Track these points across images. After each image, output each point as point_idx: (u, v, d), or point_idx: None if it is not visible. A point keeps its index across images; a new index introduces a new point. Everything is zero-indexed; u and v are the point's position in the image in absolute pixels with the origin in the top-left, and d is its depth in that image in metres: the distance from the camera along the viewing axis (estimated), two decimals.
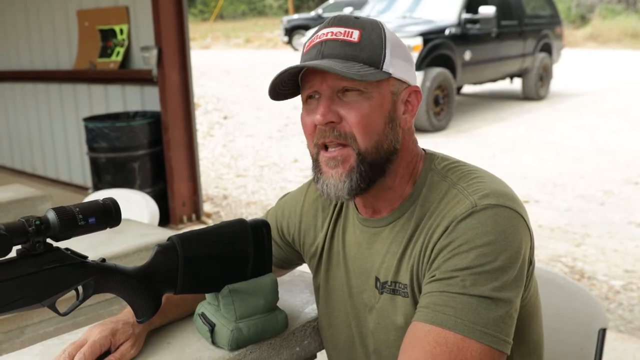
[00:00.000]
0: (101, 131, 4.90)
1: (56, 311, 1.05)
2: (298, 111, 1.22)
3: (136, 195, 2.60)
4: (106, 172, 5.00)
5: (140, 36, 5.21)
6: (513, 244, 1.03)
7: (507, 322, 1.01)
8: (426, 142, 7.92)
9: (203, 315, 1.28)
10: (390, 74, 1.12)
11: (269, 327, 1.28)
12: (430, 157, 1.21)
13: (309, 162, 1.22)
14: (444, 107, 8.65)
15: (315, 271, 1.35)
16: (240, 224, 1.26)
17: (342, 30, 1.12)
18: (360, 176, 1.12)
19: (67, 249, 1.06)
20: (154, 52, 4.84)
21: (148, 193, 4.95)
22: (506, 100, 11.06)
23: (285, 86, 1.17)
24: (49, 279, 1.01)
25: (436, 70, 8.35)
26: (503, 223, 1.04)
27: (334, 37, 1.12)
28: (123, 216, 2.32)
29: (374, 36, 1.12)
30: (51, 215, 1.00)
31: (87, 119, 5.17)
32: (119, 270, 1.11)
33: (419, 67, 8.11)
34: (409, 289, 1.13)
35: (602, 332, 1.42)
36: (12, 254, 1.00)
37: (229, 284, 1.23)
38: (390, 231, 1.18)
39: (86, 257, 1.08)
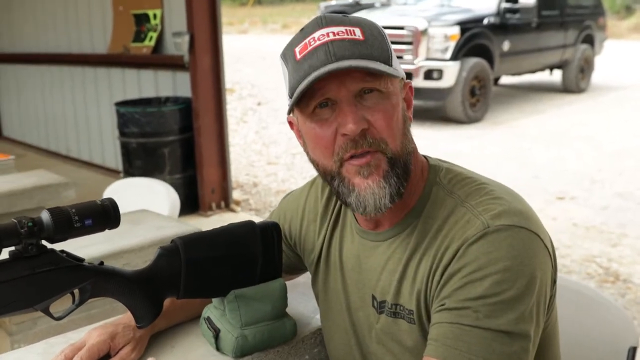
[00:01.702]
0: (132, 116, 4.90)
1: (50, 315, 1.01)
2: None
3: (158, 184, 2.57)
4: (137, 157, 5.00)
5: (173, 21, 5.19)
6: (530, 268, 0.95)
7: (522, 358, 0.93)
8: (461, 133, 7.81)
9: (208, 320, 1.23)
10: (397, 70, 1.04)
11: (276, 334, 1.23)
12: (434, 169, 1.11)
13: None
14: (480, 98, 8.49)
15: (314, 279, 1.28)
16: (248, 226, 1.21)
17: (342, 29, 1.00)
18: (398, 179, 1.02)
19: (62, 251, 1.02)
20: (186, 38, 4.81)
21: (177, 179, 4.99)
22: (545, 92, 10.82)
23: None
24: (42, 283, 0.97)
25: (473, 61, 8.18)
26: (519, 246, 0.95)
27: (338, 37, 0.99)
28: (143, 206, 2.32)
29: (375, 32, 1.03)
30: (45, 217, 0.96)
31: (119, 104, 5.18)
32: (117, 274, 1.06)
33: (455, 57, 7.97)
34: (415, 316, 1.05)
35: (632, 351, 1.34)
36: (5, 256, 0.97)
37: (235, 289, 1.18)
38: (388, 247, 1.10)
39: (82, 260, 1.04)
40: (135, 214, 2.20)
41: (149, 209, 2.29)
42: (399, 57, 8.06)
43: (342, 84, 0.99)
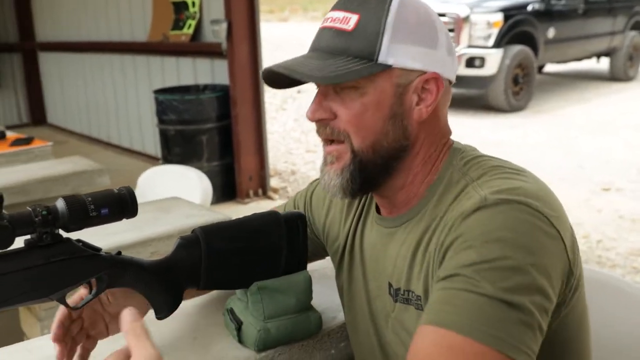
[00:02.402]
0: (170, 104, 4.91)
1: (67, 305, 0.99)
2: None
3: (191, 172, 2.56)
4: (175, 145, 5.02)
5: (211, 9, 5.18)
6: (529, 244, 0.86)
7: (521, 329, 0.83)
8: (503, 122, 7.65)
9: (231, 312, 1.20)
10: (389, 65, 0.98)
11: (300, 328, 1.18)
12: (454, 151, 1.05)
13: None
14: (523, 86, 8.30)
15: (338, 270, 1.23)
16: (272, 216, 1.17)
17: (341, 15, 0.99)
18: (351, 176, 1.02)
19: (78, 240, 0.99)
20: (224, 26, 4.80)
21: (215, 167, 5.00)
22: (591, 80, 10.53)
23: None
24: (57, 272, 0.95)
25: (517, 48, 8.00)
26: (516, 220, 0.87)
27: (331, 24, 1.00)
28: (176, 193, 2.30)
29: (371, 21, 0.97)
30: (60, 205, 0.93)
31: (157, 91, 5.20)
32: (135, 264, 1.03)
33: (498, 44, 7.80)
34: (422, 302, 0.99)
35: None
36: (21, 244, 0.94)
37: (258, 281, 1.15)
38: (402, 232, 1.05)
39: (99, 250, 1.01)
40: (165, 202, 2.18)
41: (181, 196, 2.28)
42: None
43: None
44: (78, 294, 1.06)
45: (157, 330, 1.18)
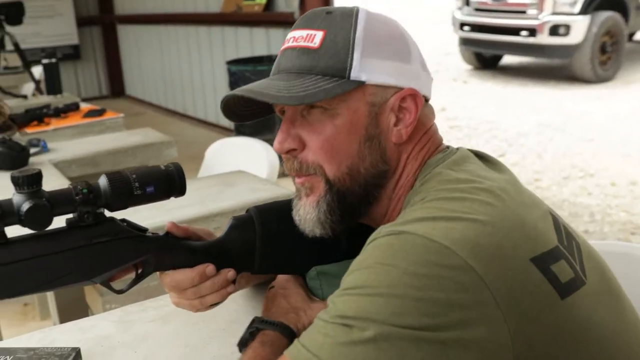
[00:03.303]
0: (242, 74, 4.88)
1: (111, 289, 0.93)
2: (450, 57, 0.98)
3: (258, 144, 2.49)
4: None
5: None
6: (402, 267, 0.73)
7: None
8: (588, 93, 7.28)
9: None
10: (362, 81, 0.88)
11: None
12: (423, 173, 0.91)
13: (457, 111, 0.98)
14: (611, 55, 7.84)
15: None
16: None
17: (304, 33, 0.91)
18: (328, 207, 0.92)
19: (123, 220, 0.93)
20: None
21: None
22: None
23: (249, 105, 0.97)
24: (99, 254, 0.89)
25: (605, 15, 7.55)
26: (398, 248, 0.75)
27: (294, 44, 0.91)
28: (243, 166, 2.24)
29: (339, 37, 0.89)
30: (102, 183, 0.87)
31: (230, 62, 5.17)
32: (184, 246, 0.96)
33: (585, 10, 7.38)
34: None
35: None
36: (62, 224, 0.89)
37: (316, 265, 1.06)
38: None
39: (146, 230, 0.94)
40: (230, 175, 2.12)
41: (248, 169, 2.22)
42: (521, 12, 7.60)
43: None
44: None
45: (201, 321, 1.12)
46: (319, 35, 0.89)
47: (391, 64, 0.90)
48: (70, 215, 0.88)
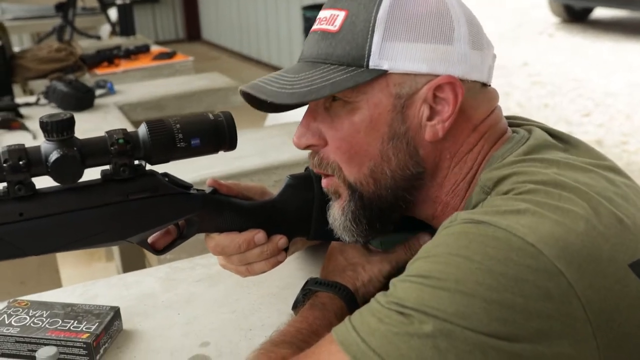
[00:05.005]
0: None
1: (150, 249, 0.85)
2: (536, 10, 0.82)
3: None
4: None
5: None
6: (482, 266, 0.61)
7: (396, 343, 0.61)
8: None
9: None
10: (384, 70, 0.74)
11: None
12: (491, 162, 0.77)
13: (540, 67, 0.83)
14: None
15: None
16: None
17: (328, 14, 0.78)
18: (353, 215, 0.82)
19: (165, 174, 0.84)
20: None
21: None
22: None
23: None
24: (137, 212, 0.80)
25: None
26: (474, 239, 0.63)
27: (318, 26, 0.79)
28: None
29: (360, 18, 0.75)
30: (142, 132, 0.78)
31: (306, 8, 5.04)
32: (233, 205, 0.87)
33: None
34: None
35: None
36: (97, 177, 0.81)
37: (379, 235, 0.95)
38: None
39: (190, 187, 0.85)
40: (293, 125, 2.02)
41: None
42: None
43: None
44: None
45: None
46: (340, 17, 0.77)
47: (423, 47, 0.75)
48: (107, 167, 0.80)
